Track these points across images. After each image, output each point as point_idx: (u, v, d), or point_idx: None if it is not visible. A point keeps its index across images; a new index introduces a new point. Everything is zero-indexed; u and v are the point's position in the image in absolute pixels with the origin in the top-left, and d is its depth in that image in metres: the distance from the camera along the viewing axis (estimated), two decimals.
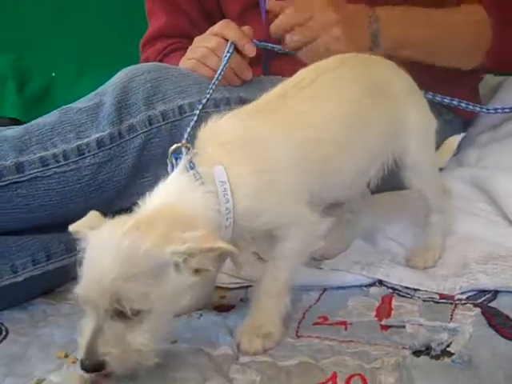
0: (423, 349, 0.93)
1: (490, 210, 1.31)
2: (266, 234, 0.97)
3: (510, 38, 1.38)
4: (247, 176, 0.92)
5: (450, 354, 0.91)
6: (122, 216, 0.89)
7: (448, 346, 0.93)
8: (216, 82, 1.17)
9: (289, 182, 0.95)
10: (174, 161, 0.94)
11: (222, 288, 1.18)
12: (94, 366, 0.82)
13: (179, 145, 0.96)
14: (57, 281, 1.16)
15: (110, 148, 1.15)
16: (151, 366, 0.85)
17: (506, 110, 1.37)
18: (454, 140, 1.28)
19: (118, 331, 0.82)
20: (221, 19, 1.33)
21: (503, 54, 1.40)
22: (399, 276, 1.14)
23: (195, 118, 1.06)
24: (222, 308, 1.11)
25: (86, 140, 1.14)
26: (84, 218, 0.92)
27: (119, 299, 0.80)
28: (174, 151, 0.95)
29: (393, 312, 1.05)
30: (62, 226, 1.14)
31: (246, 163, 0.93)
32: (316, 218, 0.97)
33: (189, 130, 1.01)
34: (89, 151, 1.13)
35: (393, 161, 1.10)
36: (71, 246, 1.13)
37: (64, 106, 1.18)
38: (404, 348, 0.94)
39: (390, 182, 1.14)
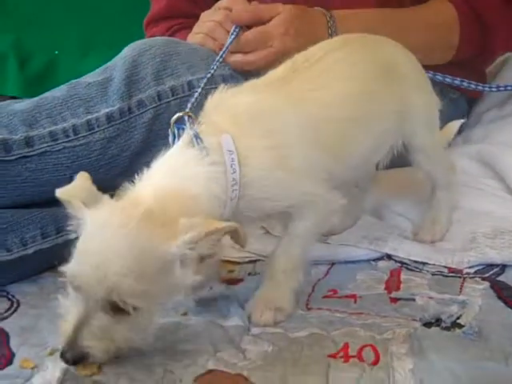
0: (433, 321, 0.94)
1: (497, 186, 1.32)
2: (273, 216, 0.96)
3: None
4: (257, 150, 0.90)
5: (460, 326, 0.92)
6: (122, 196, 0.86)
7: (458, 318, 0.94)
8: (221, 59, 1.16)
9: (302, 159, 0.93)
10: (176, 131, 0.92)
11: (230, 262, 1.19)
12: (74, 358, 0.79)
13: (181, 114, 0.93)
14: (66, 254, 1.16)
15: (120, 123, 1.15)
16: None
17: (509, 88, 1.38)
18: (454, 125, 1.28)
19: (106, 325, 0.79)
20: None
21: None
22: (407, 250, 1.15)
23: (199, 90, 1.04)
24: (231, 281, 1.11)
25: (95, 115, 1.14)
26: (73, 184, 0.88)
27: (119, 293, 0.77)
28: (177, 121, 0.94)
29: (402, 285, 1.05)
30: None
31: (256, 136, 0.90)
32: (332, 195, 0.96)
33: (192, 100, 0.99)
34: (98, 126, 1.13)
35: (401, 144, 1.11)
36: None
37: (73, 81, 1.18)
38: (414, 320, 0.94)
39: (397, 162, 1.15)
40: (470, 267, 1.10)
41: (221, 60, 1.15)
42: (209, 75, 1.11)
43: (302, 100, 0.96)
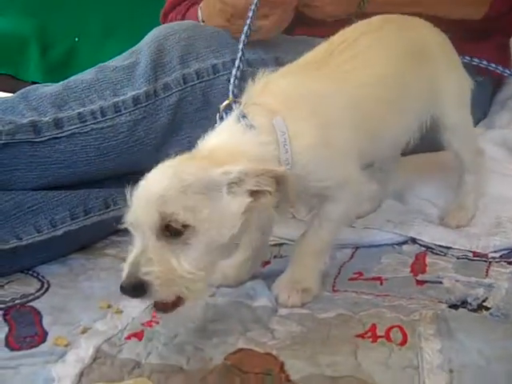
0: (459, 303, 0.94)
1: None
2: (314, 195, 0.96)
3: None
4: (306, 129, 0.91)
5: (487, 309, 0.92)
6: None
7: (484, 300, 0.94)
8: (246, 38, 1.08)
9: (343, 139, 0.94)
10: (224, 115, 0.93)
11: None
12: (134, 285, 0.77)
13: (229, 101, 0.94)
14: (95, 236, 1.18)
15: (146, 106, 1.16)
16: (197, 300, 0.84)
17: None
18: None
19: (163, 252, 0.78)
20: None
21: None
22: (432, 234, 1.16)
23: (234, 71, 1.01)
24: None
25: (122, 97, 1.15)
26: None
27: (165, 212, 0.77)
28: (226, 108, 0.94)
29: (427, 268, 1.06)
30: (98, 181, 1.17)
31: (303, 117, 0.91)
32: (364, 178, 0.97)
33: (231, 86, 0.99)
34: (125, 108, 1.15)
35: (431, 121, 1.11)
36: (109, 202, 1.16)
37: (100, 64, 1.19)
38: (440, 302, 0.95)
39: (424, 143, 1.14)
40: (495, 252, 1.11)
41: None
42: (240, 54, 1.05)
43: (340, 80, 0.98)
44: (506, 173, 1.31)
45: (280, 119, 0.89)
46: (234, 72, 1.01)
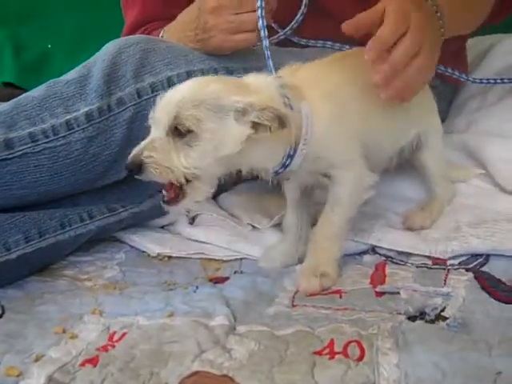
0: (418, 314, 0.94)
1: (481, 176, 1.32)
2: (321, 173, 1.06)
3: None
4: (325, 107, 1.02)
5: (445, 319, 0.92)
6: None
7: (442, 310, 0.95)
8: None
9: (352, 125, 1.06)
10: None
11: (216, 260, 1.19)
12: (132, 163, 0.94)
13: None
14: (50, 258, 1.16)
15: (100, 121, 1.14)
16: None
17: (492, 82, 1.38)
18: None
19: (167, 145, 0.93)
20: None
21: None
22: (391, 240, 1.16)
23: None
24: (217, 280, 1.11)
25: (74, 114, 1.13)
26: None
27: (177, 116, 0.93)
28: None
29: (387, 279, 1.06)
30: (53, 201, 1.15)
31: (323, 97, 1.03)
32: (366, 169, 1.07)
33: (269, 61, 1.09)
34: (78, 125, 1.12)
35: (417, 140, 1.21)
36: (64, 222, 1.14)
37: (52, 80, 1.17)
38: (399, 314, 0.95)
39: None
40: (453, 257, 1.11)
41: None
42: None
43: (352, 73, 1.09)
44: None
45: (306, 104, 1.00)
46: (265, 43, 1.11)
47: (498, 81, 1.37)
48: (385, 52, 1.03)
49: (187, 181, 0.96)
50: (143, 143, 0.95)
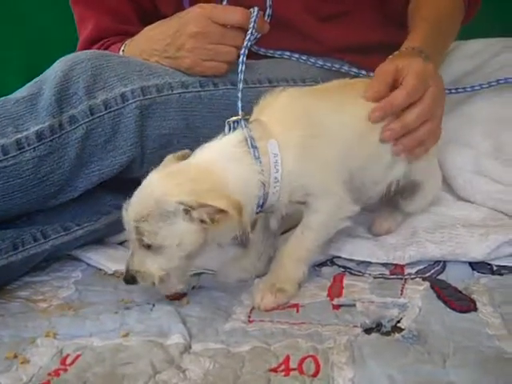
0: (374, 326, 0.94)
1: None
2: (297, 202, 1.04)
3: None
4: (295, 139, 1.02)
5: (401, 330, 0.92)
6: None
7: (398, 321, 0.95)
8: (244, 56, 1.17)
9: (332, 154, 1.04)
10: (232, 125, 1.04)
11: None
12: (128, 280, 1.01)
13: (239, 117, 1.04)
14: (4, 279, 1.14)
15: (51, 140, 1.12)
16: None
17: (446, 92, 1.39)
18: None
19: (141, 257, 0.99)
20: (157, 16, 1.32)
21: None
22: (350, 250, 1.16)
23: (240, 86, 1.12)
24: (175, 296, 1.10)
25: (25, 133, 1.10)
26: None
27: (137, 232, 0.97)
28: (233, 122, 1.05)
29: (344, 291, 1.06)
30: (6, 221, 1.13)
31: (296, 129, 1.02)
32: (346, 197, 1.06)
33: (239, 103, 1.08)
34: (28, 144, 1.10)
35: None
36: (17, 243, 1.11)
37: (1, 99, 1.14)
38: (355, 326, 0.94)
39: None
40: (411, 265, 1.12)
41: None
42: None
43: (341, 102, 1.09)
44: None
45: (274, 142, 1.01)
46: (239, 86, 1.12)
47: (477, 87, 1.40)
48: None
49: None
50: (128, 258, 1.01)
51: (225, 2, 1.33)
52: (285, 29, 1.37)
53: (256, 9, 1.22)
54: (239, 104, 1.08)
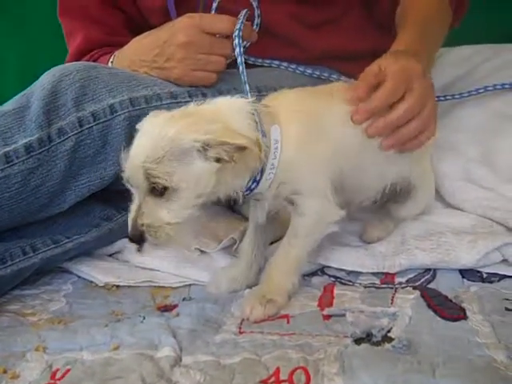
0: (364, 336, 0.94)
1: None
2: (285, 198, 1.04)
3: None
4: (295, 132, 1.02)
5: (391, 340, 0.92)
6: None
7: (389, 331, 0.95)
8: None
9: (325, 154, 1.04)
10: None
11: (165, 287, 1.17)
12: (136, 236, 0.97)
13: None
14: None
15: (40, 153, 1.11)
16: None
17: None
18: None
19: (152, 207, 0.96)
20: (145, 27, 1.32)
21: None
22: (340, 259, 1.16)
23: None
24: (166, 308, 1.09)
25: (13, 146, 1.10)
26: None
27: (148, 177, 0.94)
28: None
29: (334, 300, 1.06)
30: None
31: (297, 123, 1.03)
32: (333, 200, 1.05)
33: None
34: (17, 157, 1.10)
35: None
36: (5, 257, 1.11)
37: None
38: (346, 336, 0.94)
39: None
40: (401, 274, 1.12)
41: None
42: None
43: (336, 106, 1.08)
44: None
45: (277, 128, 1.01)
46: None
47: (465, 94, 1.42)
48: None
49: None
50: (134, 211, 0.97)
51: (213, 12, 1.34)
52: (273, 37, 1.38)
53: (245, 10, 1.22)
54: (247, 87, 1.10)
